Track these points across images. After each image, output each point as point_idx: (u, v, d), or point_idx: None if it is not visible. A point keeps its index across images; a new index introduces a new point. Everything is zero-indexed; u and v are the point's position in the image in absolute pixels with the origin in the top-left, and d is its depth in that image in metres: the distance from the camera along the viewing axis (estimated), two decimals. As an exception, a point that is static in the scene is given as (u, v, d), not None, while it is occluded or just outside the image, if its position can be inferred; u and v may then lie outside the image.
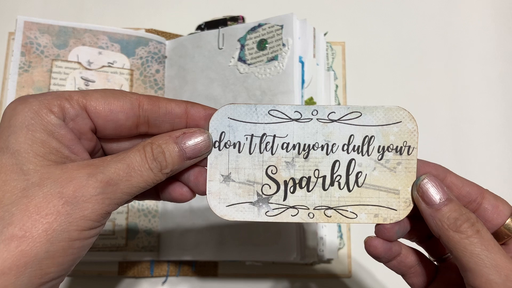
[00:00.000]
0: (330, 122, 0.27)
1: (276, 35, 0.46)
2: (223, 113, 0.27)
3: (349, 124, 0.27)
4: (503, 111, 0.54)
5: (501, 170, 0.53)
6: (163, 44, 0.51)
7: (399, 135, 0.27)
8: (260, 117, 0.27)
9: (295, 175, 0.27)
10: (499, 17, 0.57)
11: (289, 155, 0.27)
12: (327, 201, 0.27)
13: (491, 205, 0.27)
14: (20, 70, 0.46)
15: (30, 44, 0.47)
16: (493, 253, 0.24)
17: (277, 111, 0.27)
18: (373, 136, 0.27)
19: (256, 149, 0.27)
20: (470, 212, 0.26)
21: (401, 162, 0.27)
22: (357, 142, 0.27)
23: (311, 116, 0.27)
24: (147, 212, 0.48)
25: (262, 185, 0.27)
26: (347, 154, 0.27)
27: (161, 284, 0.48)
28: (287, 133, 0.27)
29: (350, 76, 0.54)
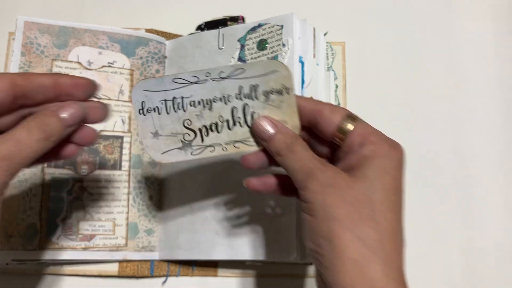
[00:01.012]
0: (222, 80, 0.33)
1: (276, 35, 0.46)
2: (139, 88, 0.35)
3: (237, 78, 0.33)
4: (503, 111, 0.54)
5: (501, 170, 0.53)
6: (163, 44, 0.52)
7: (277, 81, 0.33)
8: (168, 85, 0.34)
9: (205, 123, 0.35)
10: (498, 17, 0.57)
11: (197, 110, 0.34)
12: (234, 137, 0.35)
13: (328, 115, 0.32)
14: (20, 70, 0.46)
15: (30, 44, 0.47)
16: (308, 165, 0.30)
17: (179, 78, 0.34)
18: (257, 84, 0.33)
19: (171, 110, 0.35)
20: (291, 136, 0.32)
21: (283, 100, 0.33)
22: (246, 91, 0.34)
23: (206, 78, 0.34)
24: (147, 212, 0.48)
25: (183, 135, 0.35)
26: (240, 101, 0.34)
27: (161, 284, 0.48)
28: (191, 94, 0.34)
29: (350, 76, 0.54)
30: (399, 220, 0.29)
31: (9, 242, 0.43)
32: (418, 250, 0.50)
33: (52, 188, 0.45)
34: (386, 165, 0.30)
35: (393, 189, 0.29)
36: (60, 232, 0.45)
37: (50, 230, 0.44)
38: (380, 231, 0.28)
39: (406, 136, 0.53)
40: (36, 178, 0.45)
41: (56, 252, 0.44)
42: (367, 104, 0.54)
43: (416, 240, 0.50)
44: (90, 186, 0.46)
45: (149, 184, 0.48)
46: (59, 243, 0.44)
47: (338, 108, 0.33)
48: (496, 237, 0.51)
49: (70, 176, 0.46)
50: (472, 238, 0.51)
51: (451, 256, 0.50)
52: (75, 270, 0.47)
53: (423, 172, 0.52)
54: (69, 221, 0.45)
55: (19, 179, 0.44)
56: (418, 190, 0.52)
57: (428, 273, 0.50)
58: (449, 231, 0.51)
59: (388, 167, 0.30)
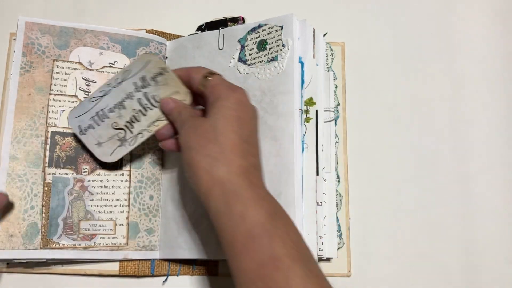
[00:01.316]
0: (120, 84, 0.44)
1: (276, 36, 0.46)
2: (71, 117, 0.46)
3: (128, 78, 0.44)
4: (503, 111, 0.55)
5: (500, 170, 0.53)
6: (163, 44, 0.52)
7: (155, 67, 0.43)
8: (89, 106, 0.45)
9: (127, 119, 0.45)
10: (498, 18, 0.58)
11: (116, 113, 0.45)
12: (150, 119, 0.44)
13: (194, 75, 0.42)
14: (21, 70, 0.46)
15: (32, 44, 0.47)
16: (184, 119, 0.40)
17: (93, 97, 0.45)
18: (144, 75, 0.44)
19: (100, 121, 0.45)
20: (181, 106, 0.42)
21: (167, 78, 0.43)
22: (139, 84, 0.44)
23: (109, 88, 0.44)
24: (148, 211, 0.48)
25: (117, 134, 0.45)
26: (140, 92, 0.44)
27: (162, 283, 0.49)
28: (106, 104, 0.45)
29: (349, 77, 0.54)
30: (241, 137, 0.37)
31: (10, 241, 0.43)
32: (418, 249, 0.50)
33: (53, 187, 0.45)
34: (226, 102, 0.38)
35: (233, 118, 0.37)
36: (61, 232, 0.45)
37: (51, 229, 0.44)
38: (222, 146, 0.36)
39: (406, 136, 0.54)
40: (37, 178, 0.45)
41: (57, 251, 0.44)
42: (367, 104, 0.54)
43: (416, 239, 0.51)
44: (91, 186, 0.47)
45: (150, 183, 0.49)
46: (60, 243, 0.45)
47: (201, 68, 0.42)
48: (495, 237, 0.51)
49: (71, 175, 0.46)
50: (472, 238, 0.51)
51: (451, 255, 0.50)
52: (75, 269, 0.47)
53: (422, 171, 0.52)
54: (70, 221, 0.45)
55: (20, 179, 0.44)
56: (417, 189, 0.52)
57: (428, 273, 0.50)
58: (448, 231, 0.51)
59: (228, 104, 0.38)
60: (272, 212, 0.33)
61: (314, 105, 0.46)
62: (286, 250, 0.31)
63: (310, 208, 0.44)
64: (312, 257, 0.33)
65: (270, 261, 0.30)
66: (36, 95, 0.47)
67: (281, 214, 0.34)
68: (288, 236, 0.32)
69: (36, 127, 0.46)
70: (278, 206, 0.35)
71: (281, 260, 0.30)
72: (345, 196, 0.51)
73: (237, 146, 0.36)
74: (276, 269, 0.30)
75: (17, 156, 0.45)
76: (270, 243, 0.31)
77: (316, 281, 0.30)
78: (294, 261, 0.30)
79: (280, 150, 0.44)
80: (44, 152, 0.46)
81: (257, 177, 0.36)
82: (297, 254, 0.31)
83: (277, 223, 0.32)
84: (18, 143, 0.45)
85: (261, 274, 0.30)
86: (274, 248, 0.31)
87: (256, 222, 0.32)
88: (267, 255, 0.31)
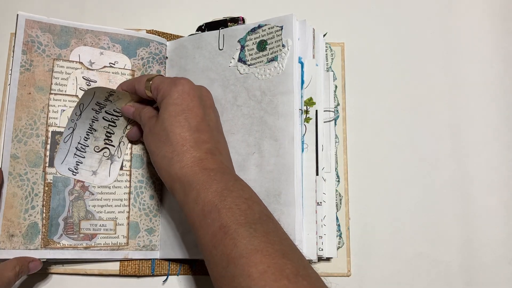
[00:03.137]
0: (80, 116, 0.46)
1: (276, 36, 0.46)
2: (57, 164, 0.46)
3: (86, 108, 0.46)
4: (502, 112, 0.55)
5: (500, 170, 0.53)
6: (164, 45, 0.52)
7: (102, 92, 0.45)
8: (66, 146, 0.46)
9: (103, 137, 0.47)
10: (497, 18, 0.58)
11: (91, 138, 0.47)
12: (122, 127, 0.48)
13: (137, 85, 0.45)
14: (21, 68, 0.46)
15: (32, 42, 0.47)
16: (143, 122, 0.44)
17: (65, 136, 0.46)
18: (98, 101, 0.45)
19: (83, 154, 0.47)
20: (139, 109, 0.45)
21: (118, 94, 0.46)
22: (97, 107, 0.46)
23: (74, 123, 0.46)
24: (148, 211, 0.48)
25: (103, 155, 0.47)
26: (101, 112, 0.46)
27: (162, 283, 0.49)
28: (79, 136, 0.47)
29: (349, 77, 0.54)
30: (190, 129, 0.39)
31: (11, 241, 0.43)
32: (418, 249, 0.50)
33: (53, 187, 0.45)
34: (169, 99, 0.41)
35: (178, 112, 0.40)
36: (62, 232, 0.45)
37: (52, 229, 0.44)
38: (173, 145, 0.39)
39: (405, 136, 0.54)
40: (37, 177, 0.45)
41: (58, 251, 0.44)
42: (366, 104, 0.54)
43: (416, 239, 0.51)
44: (91, 186, 0.47)
45: (150, 183, 0.49)
46: (61, 243, 0.45)
47: (142, 77, 0.45)
48: (495, 236, 0.51)
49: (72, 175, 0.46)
50: (471, 238, 0.51)
51: (450, 255, 0.50)
52: (76, 269, 0.47)
53: (422, 171, 0.52)
54: (71, 220, 0.45)
55: (21, 178, 0.44)
56: (417, 189, 0.52)
57: (427, 273, 0.50)
58: (448, 231, 0.51)
59: (171, 100, 0.40)
60: (220, 190, 0.36)
61: (314, 105, 0.46)
62: (233, 217, 0.34)
63: (310, 208, 0.44)
64: (264, 218, 0.35)
65: (219, 230, 0.34)
66: (36, 94, 0.46)
67: (232, 187, 0.37)
68: (236, 206, 0.35)
69: (36, 126, 0.46)
70: (230, 182, 0.37)
71: (229, 227, 0.34)
72: (345, 196, 0.51)
73: (187, 140, 0.39)
74: (225, 235, 0.33)
75: (17, 155, 0.45)
76: (219, 215, 0.34)
77: (262, 239, 0.33)
78: (240, 225, 0.33)
79: (280, 150, 0.44)
80: (44, 151, 0.46)
81: (211, 161, 0.39)
82: (244, 219, 0.34)
83: (226, 197, 0.35)
84: (19, 142, 0.45)
85: (214, 242, 0.34)
86: (222, 218, 0.34)
87: (207, 201, 0.36)
88: (217, 226, 0.34)
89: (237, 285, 0.31)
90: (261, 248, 0.32)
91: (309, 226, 0.43)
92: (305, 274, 0.31)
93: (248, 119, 0.46)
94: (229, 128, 0.47)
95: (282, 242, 0.34)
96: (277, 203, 0.43)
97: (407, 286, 0.50)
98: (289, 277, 0.30)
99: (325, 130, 0.48)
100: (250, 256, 0.32)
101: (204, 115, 0.41)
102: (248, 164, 0.45)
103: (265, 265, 0.31)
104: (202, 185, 0.36)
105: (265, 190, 0.44)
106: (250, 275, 0.31)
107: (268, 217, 0.36)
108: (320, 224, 0.45)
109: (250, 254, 0.32)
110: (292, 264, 0.31)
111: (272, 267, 0.31)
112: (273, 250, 0.32)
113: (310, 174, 0.44)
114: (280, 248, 0.33)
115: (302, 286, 0.30)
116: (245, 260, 0.32)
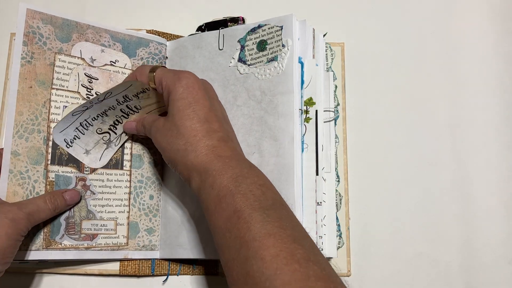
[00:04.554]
0: (102, 101, 0.44)
1: (276, 36, 0.46)
2: (56, 133, 0.46)
3: (111, 97, 0.44)
4: (502, 111, 0.55)
5: (500, 170, 0.53)
6: (164, 45, 0.52)
7: (137, 87, 0.44)
8: (71, 119, 0.45)
9: (110, 123, 0.47)
10: (497, 18, 0.58)
11: (99, 120, 0.46)
12: (133, 118, 0.48)
13: (142, 74, 0.45)
14: (22, 60, 0.45)
15: (33, 33, 0.46)
16: (148, 126, 0.45)
17: (75, 111, 0.45)
18: (126, 94, 0.44)
19: (84, 130, 0.46)
20: (141, 120, 0.46)
21: (149, 94, 0.45)
22: (122, 99, 0.45)
23: (91, 104, 0.44)
24: (148, 211, 0.48)
25: (102, 138, 0.47)
26: (123, 105, 0.46)
27: (162, 283, 0.49)
28: (89, 115, 0.45)
29: (349, 77, 0.55)
30: (199, 120, 0.40)
31: (11, 241, 0.43)
32: (418, 249, 0.50)
33: (55, 186, 0.45)
34: (175, 95, 0.41)
35: (186, 106, 0.41)
36: (64, 232, 0.45)
37: (53, 229, 0.44)
38: (185, 137, 0.40)
39: (405, 136, 0.54)
40: (39, 175, 0.45)
41: (59, 252, 0.44)
42: (366, 104, 0.54)
43: (416, 239, 0.51)
44: (93, 185, 0.47)
45: (150, 183, 0.49)
46: (62, 243, 0.44)
47: (142, 68, 0.45)
48: (495, 236, 0.51)
49: (74, 174, 0.46)
50: (471, 238, 0.51)
51: (450, 255, 0.50)
52: (76, 269, 0.47)
53: (422, 171, 0.52)
54: (72, 220, 0.45)
55: (22, 176, 0.44)
56: (417, 189, 0.52)
57: (427, 273, 0.50)
58: (448, 231, 0.51)
59: (177, 95, 0.41)
60: (235, 176, 0.37)
61: (313, 105, 0.46)
62: (248, 202, 0.35)
63: (310, 208, 0.44)
64: (277, 205, 0.36)
65: (234, 214, 0.35)
66: (37, 88, 0.45)
67: (247, 174, 0.37)
68: (250, 192, 0.36)
69: (38, 122, 0.45)
70: (245, 168, 0.38)
71: (243, 211, 0.34)
72: (345, 196, 0.51)
73: (198, 131, 0.40)
74: (239, 219, 0.34)
75: (18, 151, 0.44)
76: (233, 200, 0.35)
77: (275, 224, 0.33)
78: (254, 210, 0.34)
79: (280, 150, 0.44)
80: (46, 148, 0.45)
81: (225, 149, 0.40)
82: (258, 204, 0.35)
83: (240, 183, 0.36)
84: (20, 138, 0.44)
85: (228, 226, 0.35)
86: (236, 203, 0.35)
87: (222, 186, 0.36)
88: (231, 210, 0.35)
89: (249, 267, 0.32)
90: (274, 233, 0.33)
91: (309, 226, 0.43)
92: (315, 260, 0.32)
93: (248, 119, 0.46)
94: (229, 128, 0.47)
95: (294, 228, 0.34)
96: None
97: (407, 286, 0.50)
98: (300, 262, 0.31)
99: (325, 130, 0.48)
100: (263, 240, 0.32)
101: (211, 106, 0.42)
102: (248, 164, 0.45)
103: (277, 249, 0.32)
104: (218, 171, 0.37)
105: (265, 190, 0.44)
106: (262, 258, 0.31)
107: (281, 204, 0.37)
108: (320, 224, 0.45)
109: (263, 237, 0.32)
110: (303, 249, 0.32)
111: (284, 251, 0.31)
112: (285, 235, 0.33)
113: (310, 174, 0.45)
114: (292, 233, 0.33)
115: (312, 270, 0.31)
116: (258, 243, 0.32)
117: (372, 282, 0.49)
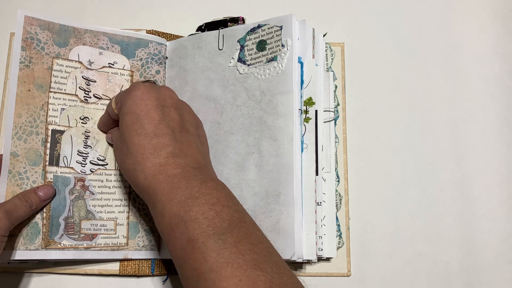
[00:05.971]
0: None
1: (276, 36, 0.46)
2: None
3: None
4: (502, 111, 0.55)
5: (500, 170, 0.53)
6: (163, 45, 0.52)
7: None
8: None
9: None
10: (497, 18, 0.58)
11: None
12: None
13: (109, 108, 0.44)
14: (21, 65, 0.46)
15: (31, 39, 0.47)
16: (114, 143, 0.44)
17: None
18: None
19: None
20: (111, 132, 0.45)
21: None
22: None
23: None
24: (148, 211, 0.48)
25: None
26: None
27: (162, 283, 0.49)
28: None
29: (349, 77, 0.54)
30: (146, 135, 0.38)
31: (10, 241, 0.43)
32: (417, 249, 0.50)
33: (54, 186, 0.45)
34: (123, 109, 0.40)
35: (133, 120, 0.39)
36: (63, 232, 0.45)
37: (52, 229, 0.44)
38: (133, 156, 0.38)
39: (405, 136, 0.54)
40: (37, 176, 0.45)
41: (58, 251, 0.44)
42: (366, 104, 0.54)
43: (415, 239, 0.51)
44: (92, 185, 0.47)
45: (150, 183, 0.49)
46: (61, 243, 0.45)
47: (111, 99, 0.44)
48: (495, 236, 0.51)
49: (72, 174, 0.46)
50: (471, 238, 0.51)
51: (450, 255, 0.50)
52: (76, 269, 0.47)
53: (422, 171, 0.52)
54: (71, 220, 0.45)
55: (20, 177, 0.44)
56: (417, 189, 0.52)
57: (427, 273, 0.50)
58: (448, 231, 0.51)
59: (125, 109, 0.40)
60: (185, 198, 0.34)
61: (313, 105, 0.46)
62: (201, 229, 0.33)
63: (310, 208, 0.44)
64: (234, 225, 0.34)
65: (188, 244, 0.33)
66: (35, 91, 0.46)
67: (198, 193, 0.35)
68: (202, 215, 0.33)
69: (36, 124, 0.46)
70: (195, 187, 0.35)
71: (197, 240, 0.32)
72: (345, 196, 0.51)
73: (145, 148, 0.38)
74: (193, 249, 0.32)
75: (17, 153, 0.45)
76: (186, 228, 0.33)
77: (232, 250, 0.31)
78: (208, 237, 0.32)
79: (279, 150, 0.44)
80: (44, 150, 0.46)
81: (173, 166, 0.37)
82: (212, 230, 0.33)
83: (191, 207, 0.34)
84: (19, 140, 0.45)
85: (184, 257, 0.33)
86: (189, 231, 0.33)
87: (173, 214, 0.34)
88: (185, 240, 0.33)
89: None
90: (231, 261, 0.31)
91: (308, 226, 0.43)
92: (279, 283, 0.30)
93: (248, 119, 0.46)
94: (228, 128, 0.47)
95: (255, 250, 0.32)
96: (277, 203, 0.43)
97: (407, 286, 0.50)
98: None
99: (325, 130, 0.48)
100: (221, 270, 0.30)
101: (163, 117, 0.39)
102: (247, 164, 0.45)
103: (237, 279, 0.30)
104: (166, 196, 0.35)
105: (264, 190, 0.44)
106: None
107: (239, 220, 0.35)
108: (320, 224, 0.45)
109: (220, 267, 0.31)
110: (265, 275, 0.30)
111: (244, 280, 0.30)
112: (244, 261, 0.31)
113: (309, 174, 0.45)
114: (252, 258, 0.32)
115: None
116: (215, 274, 0.30)
117: (372, 282, 0.49)
